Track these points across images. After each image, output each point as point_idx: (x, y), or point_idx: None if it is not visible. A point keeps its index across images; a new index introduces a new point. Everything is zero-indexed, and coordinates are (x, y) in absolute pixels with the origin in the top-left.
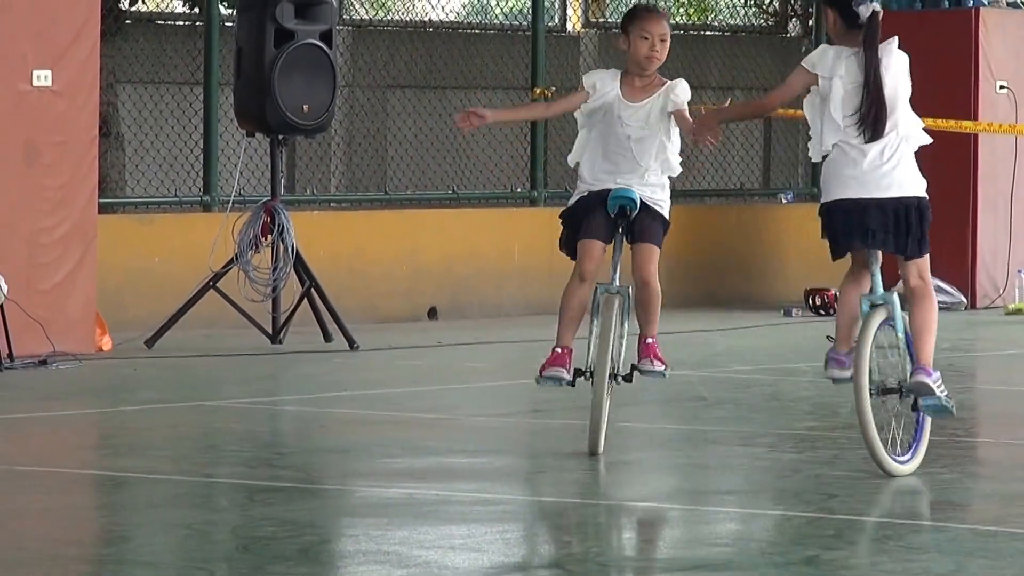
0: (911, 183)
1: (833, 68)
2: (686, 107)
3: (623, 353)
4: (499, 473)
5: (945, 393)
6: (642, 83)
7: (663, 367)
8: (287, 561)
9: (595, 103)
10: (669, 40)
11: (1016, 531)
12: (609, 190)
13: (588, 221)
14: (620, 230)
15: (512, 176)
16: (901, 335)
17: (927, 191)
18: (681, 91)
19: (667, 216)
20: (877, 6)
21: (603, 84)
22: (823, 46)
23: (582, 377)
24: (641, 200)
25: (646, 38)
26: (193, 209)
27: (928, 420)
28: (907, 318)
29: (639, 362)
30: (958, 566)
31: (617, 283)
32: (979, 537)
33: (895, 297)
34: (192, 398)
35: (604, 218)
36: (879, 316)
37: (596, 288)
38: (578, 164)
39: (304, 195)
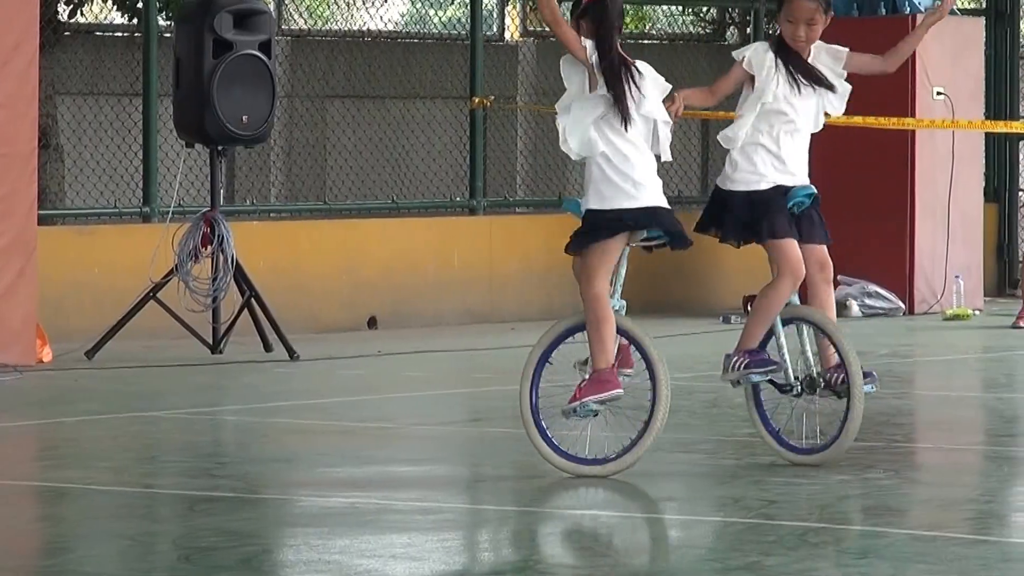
0: None
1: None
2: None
3: None
4: (440, 482)
5: None
6: None
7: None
8: (228, 571)
9: None
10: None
11: (954, 536)
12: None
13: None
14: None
15: (451, 185)
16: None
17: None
18: None
19: None
20: None
21: None
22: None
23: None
24: None
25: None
26: (133, 220)
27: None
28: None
29: None
30: (897, 571)
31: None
32: (918, 542)
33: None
34: (133, 409)
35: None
36: None
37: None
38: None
39: (244, 205)
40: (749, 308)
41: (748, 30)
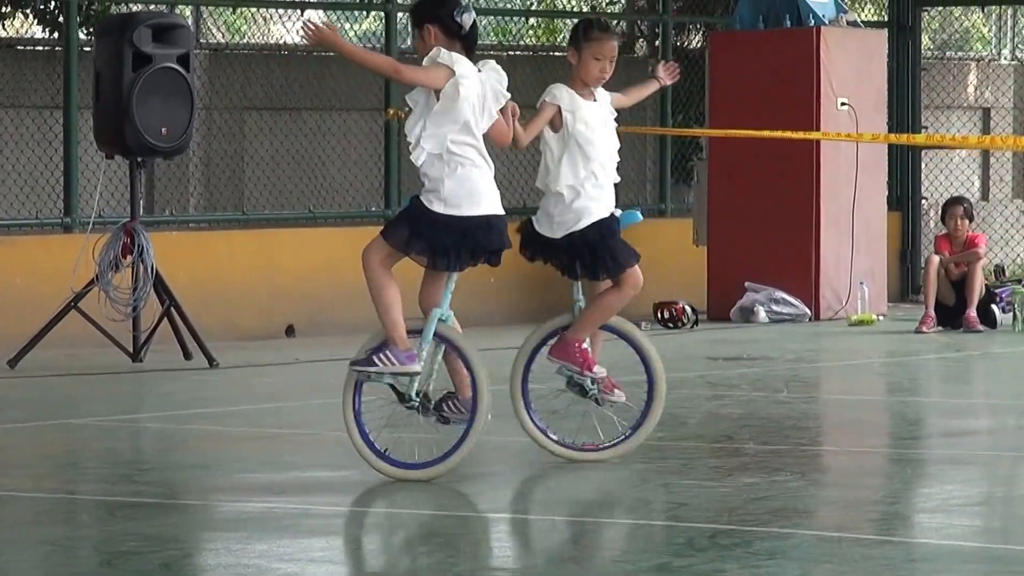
0: None
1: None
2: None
3: None
4: (356, 486)
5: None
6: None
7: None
8: (149, 575)
9: None
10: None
11: (860, 537)
12: None
13: None
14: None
15: (367, 195)
16: None
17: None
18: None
19: None
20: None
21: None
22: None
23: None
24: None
25: (598, 59)
26: (54, 231)
27: None
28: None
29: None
30: (804, 571)
31: None
32: (824, 543)
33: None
34: (55, 416)
35: None
36: None
37: None
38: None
39: (163, 216)
40: (659, 315)
41: (657, 43)
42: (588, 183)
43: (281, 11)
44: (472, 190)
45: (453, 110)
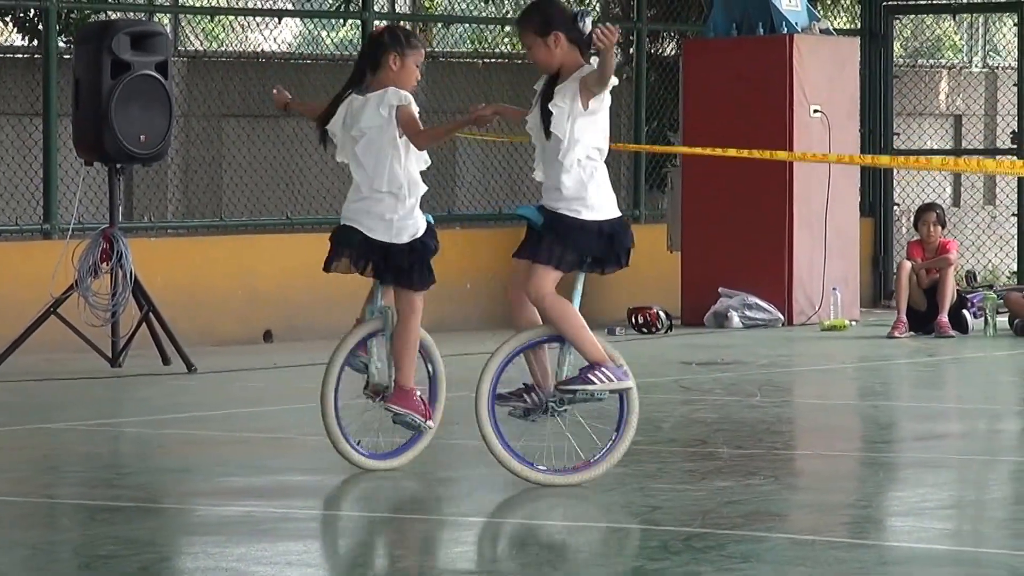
0: None
1: None
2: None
3: None
4: (334, 490)
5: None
6: None
7: None
8: None
9: None
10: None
11: (833, 540)
12: None
13: None
14: None
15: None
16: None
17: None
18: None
19: None
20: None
21: None
22: None
23: None
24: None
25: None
26: (34, 237)
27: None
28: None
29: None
30: (777, 574)
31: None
32: (797, 546)
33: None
34: (34, 421)
35: None
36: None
37: None
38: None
39: (142, 222)
40: (634, 320)
41: (631, 50)
42: (420, 187)
43: (259, 19)
44: (608, 193)
45: (598, 113)
